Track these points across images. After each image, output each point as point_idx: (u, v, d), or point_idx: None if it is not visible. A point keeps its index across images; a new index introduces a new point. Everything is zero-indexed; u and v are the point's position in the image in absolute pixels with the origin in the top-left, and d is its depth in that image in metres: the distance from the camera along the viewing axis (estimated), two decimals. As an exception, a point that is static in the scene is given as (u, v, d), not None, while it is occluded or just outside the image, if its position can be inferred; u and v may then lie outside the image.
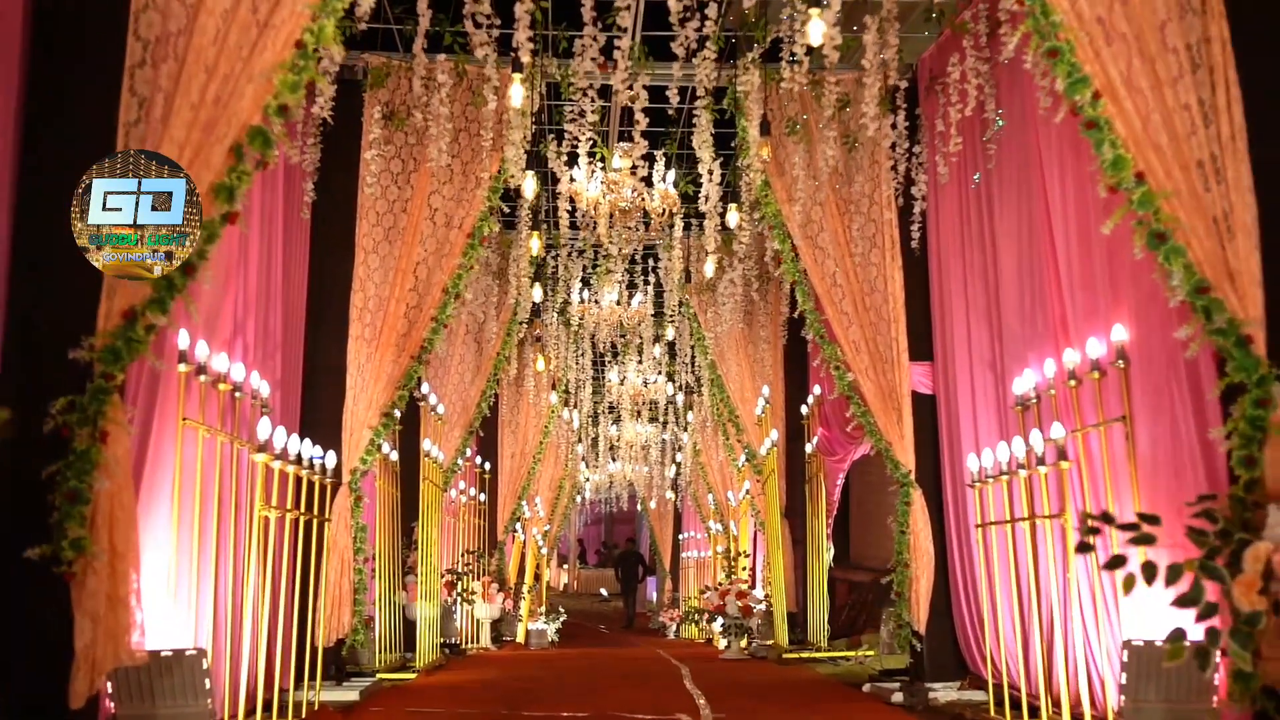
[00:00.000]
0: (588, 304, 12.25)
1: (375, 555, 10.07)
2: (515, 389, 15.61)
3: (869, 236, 8.67)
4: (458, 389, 12.30)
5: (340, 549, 8.23)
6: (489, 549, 15.10)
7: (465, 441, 12.26)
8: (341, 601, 8.20)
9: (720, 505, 18.25)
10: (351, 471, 8.37)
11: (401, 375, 8.54)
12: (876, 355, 8.53)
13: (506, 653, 14.08)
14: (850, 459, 10.82)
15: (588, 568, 36.59)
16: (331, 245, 8.67)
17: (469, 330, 12.36)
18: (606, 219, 8.77)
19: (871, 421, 8.44)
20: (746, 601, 11.85)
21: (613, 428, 19.15)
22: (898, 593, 8.29)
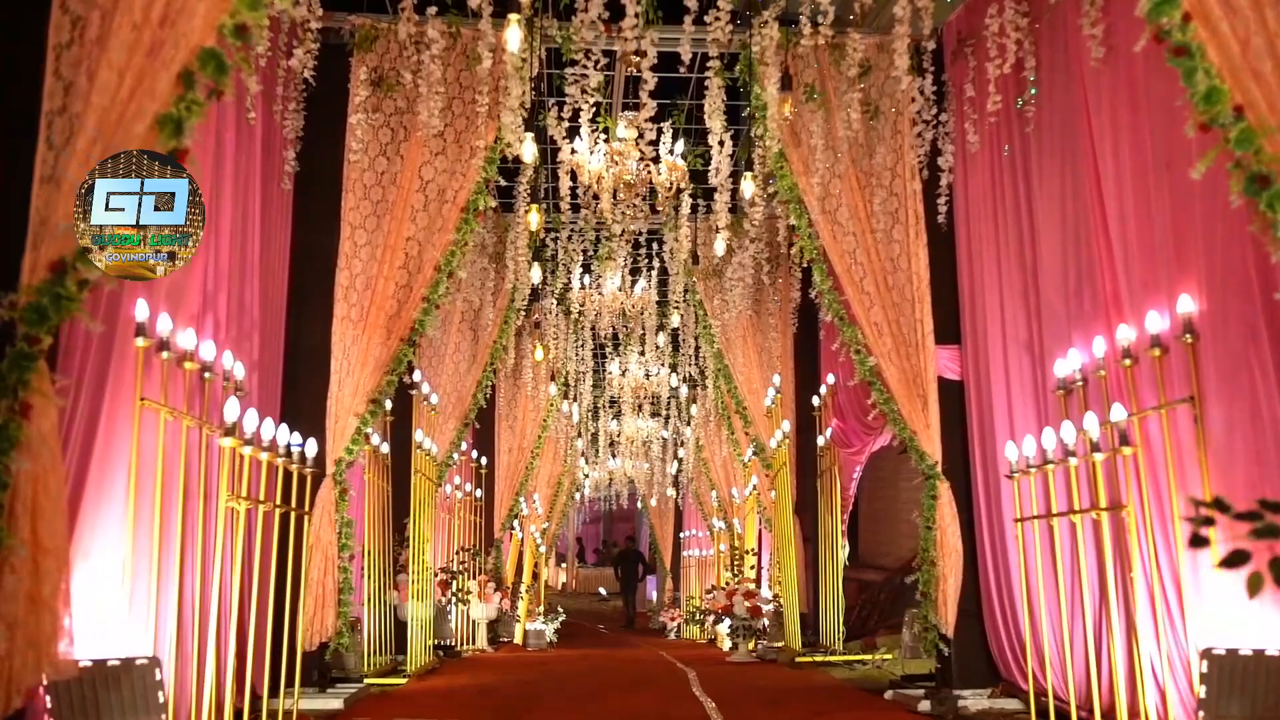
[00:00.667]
0: (589, 290, 11.58)
1: (365, 553, 9.46)
2: (513, 381, 14.95)
3: (891, 211, 8.02)
4: (452, 379, 11.64)
5: (323, 545, 7.57)
6: (485, 547, 14.44)
7: (460, 434, 11.60)
8: (325, 602, 7.54)
9: (724, 502, 17.61)
10: (336, 462, 7.71)
11: (390, 359, 7.89)
12: (900, 338, 7.88)
13: (503, 654, 13.43)
14: (868, 451, 10.17)
15: (586, 566, 35.91)
16: (315, 219, 8.04)
17: (464, 317, 11.71)
18: (610, 194, 8.10)
19: (894, 409, 7.80)
20: (755, 602, 11.20)
21: (613, 423, 18.47)
22: (923, 593, 7.64)
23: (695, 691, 8.14)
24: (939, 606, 7.51)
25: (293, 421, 6.70)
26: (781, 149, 8.04)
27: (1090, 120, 6.05)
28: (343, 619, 7.64)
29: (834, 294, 8.07)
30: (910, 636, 8.35)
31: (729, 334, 11.80)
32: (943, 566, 7.52)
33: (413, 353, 8.01)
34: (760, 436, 11.79)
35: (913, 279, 7.91)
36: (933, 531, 7.61)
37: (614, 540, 34.45)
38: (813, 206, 8.04)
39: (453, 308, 11.65)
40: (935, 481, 7.65)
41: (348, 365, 7.82)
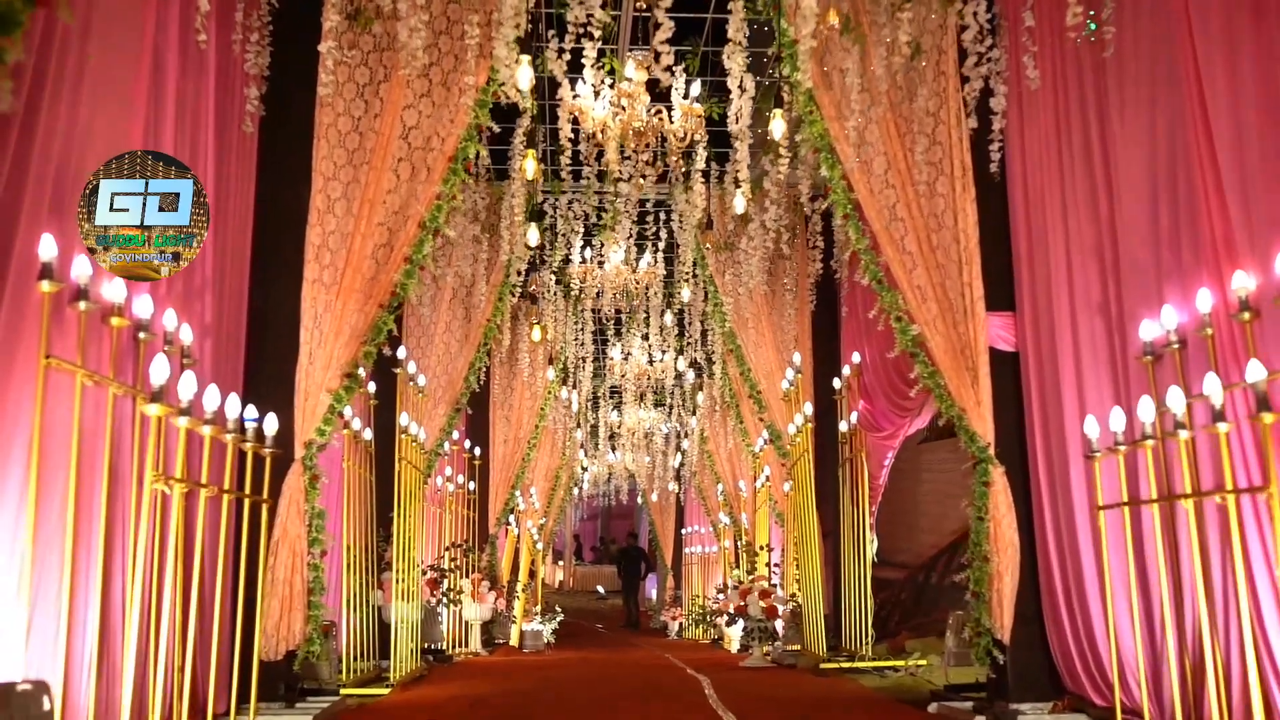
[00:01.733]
0: (589, 264, 10.54)
1: (346, 549, 8.45)
2: (508, 368, 13.93)
3: (934, 162, 7.02)
4: (442, 360, 10.63)
5: (291, 540, 6.54)
6: (479, 543, 13.41)
7: (451, 420, 10.57)
8: (292, 604, 6.51)
9: (730, 496, 16.59)
10: (306, 445, 6.68)
11: (367, 327, 6.86)
12: (946, 304, 6.87)
13: (498, 658, 12.40)
14: (903, 434, 9.14)
15: (583, 564, 34.86)
16: (283, 169, 7.05)
17: (455, 294, 10.69)
18: (617, 143, 7.08)
19: (941, 384, 6.79)
20: (771, 602, 10.18)
21: (614, 413, 17.41)
22: (974, 592, 6.63)
23: (713, 703, 7.14)
24: (993, 608, 6.50)
25: (256, 397, 5.70)
26: (811, 91, 7.02)
27: (1193, 35, 5.03)
28: (313, 624, 6.61)
29: (871, 254, 7.05)
30: (956, 641, 7.33)
31: (742, 312, 10.77)
32: (997, 563, 6.50)
33: (393, 321, 6.97)
34: (776, 423, 10.76)
35: (959, 238, 6.91)
36: (985, 523, 6.60)
37: (613, 537, 33.41)
38: (846, 156, 7.02)
39: (443, 284, 10.65)
40: (987, 466, 6.64)
41: (319, 334, 6.80)
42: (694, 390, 16.14)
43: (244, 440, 5.10)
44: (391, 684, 8.14)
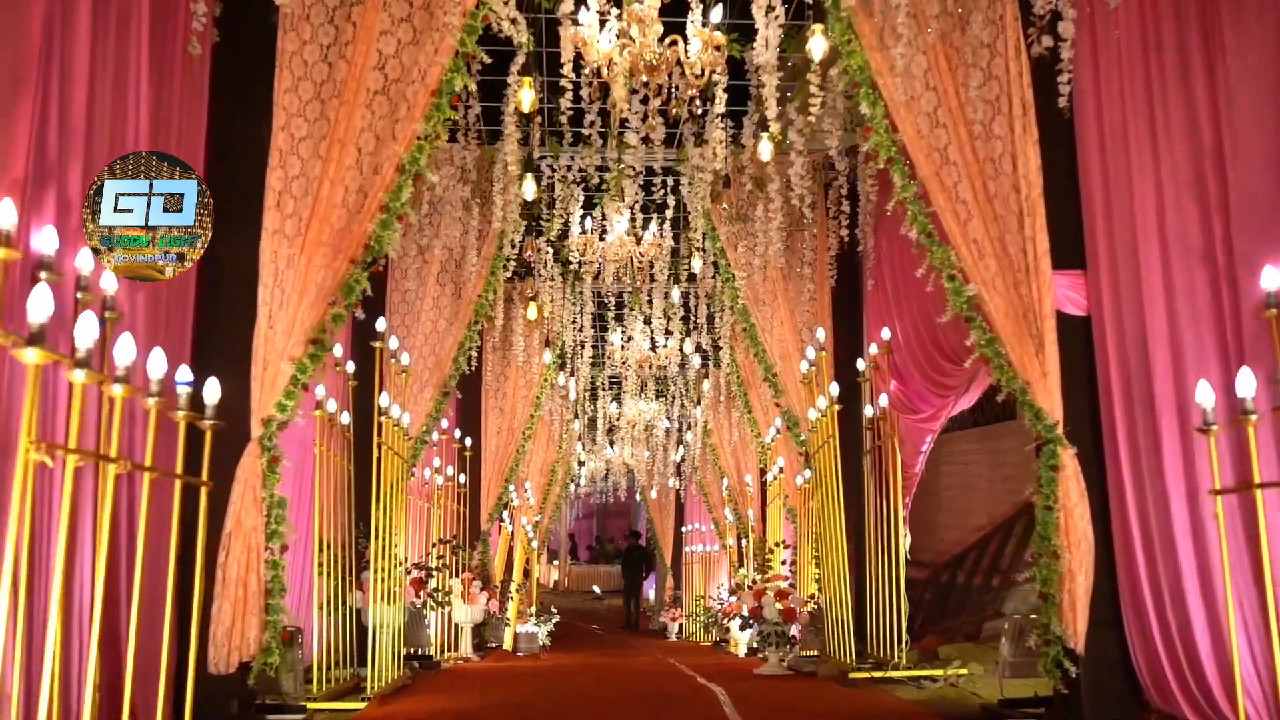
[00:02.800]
0: (590, 235, 9.51)
1: (322, 545, 7.46)
2: (501, 355, 12.91)
3: (990, 99, 6.03)
4: (429, 339, 9.61)
5: (245, 533, 5.52)
6: (470, 540, 12.38)
7: (439, 405, 9.55)
8: (246, 608, 5.48)
9: (734, 491, 15.58)
10: (264, 422, 5.66)
11: (336, 286, 5.86)
12: (1005, 261, 5.88)
13: (490, 664, 11.37)
14: (945, 415, 8.11)
15: (579, 564, 33.80)
16: (239, 102, 6.06)
17: (443, 267, 9.66)
18: (624, 79, 6.06)
19: (1000, 353, 5.80)
20: (789, 603, 9.17)
21: (613, 405, 16.38)
22: (1042, 594, 5.63)
23: None
24: (1064, 612, 5.51)
25: (205, 366, 4.68)
26: (850, 18, 6.02)
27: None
28: (271, 630, 5.59)
29: (919, 204, 6.05)
30: (1013, 650, 6.32)
31: (756, 289, 9.74)
32: (1069, 560, 5.51)
33: (367, 279, 5.94)
34: (793, 408, 9.74)
35: (1020, 186, 5.91)
36: (1054, 513, 5.60)
37: (610, 536, 32.36)
38: (889, 90, 6.03)
39: (430, 256, 9.63)
40: (1056, 447, 5.64)
41: (280, 294, 5.80)
42: (699, 379, 15.12)
43: (165, 404, 4.07)
44: (368, 696, 7.13)
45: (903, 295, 8.23)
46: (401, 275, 9.61)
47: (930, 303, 7.55)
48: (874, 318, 9.13)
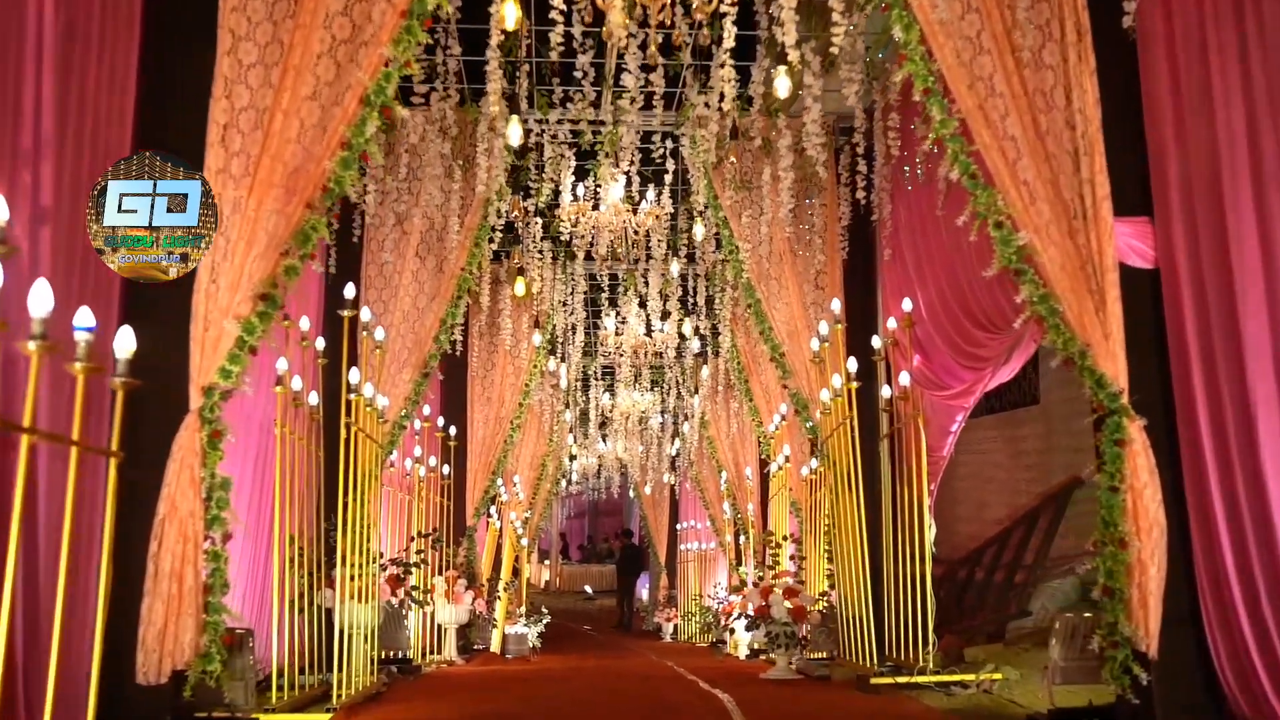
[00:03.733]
0: (582, 202, 8.66)
1: (290, 538, 6.64)
2: (489, 339, 12.06)
3: (1040, 24, 5.23)
4: (409, 316, 8.76)
5: (181, 519, 4.68)
6: (455, 536, 11.53)
7: (418, 388, 8.70)
8: (181, 607, 4.63)
9: (733, 485, 14.76)
10: (205, 390, 4.82)
11: (290, 234, 5.02)
12: (1060, 206, 5.08)
13: (476, 667, 10.52)
14: (980, 390, 7.25)
15: (570, 563, 32.90)
16: (177, 23, 5.18)
17: (423, 238, 8.81)
18: (622, 7, 5.24)
19: (1055, 310, 4.99)
20: (799, 602, 8.34)
21: (605, 396, 15.52)
22: (1106, 588, 4.81)
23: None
24: (1133, 609, 4.70)
25: (139, 323, 3.83)
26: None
27: None
28: (211, 633, 4.74)
29: (960, 141, 5.22)
30: (1064, 652, 5.48)
31: (761, 262, 8.90)
32: (1139, 548, 4.71)
33: (325, 227, 5.10)
34: (802, 391, 8.89)
35: (1075, 121, 5.13)
36: (1120, 495, 4.80)
37: (604, 536, 31.44)
38: (925, 12, 5.21)
39: (409, 225, 8.78)
40: (1121, 420, 4.84)
41: (224, 243, 4.96)
42: (696, 368, 14.28)
43: (74, 363, 3.21)
44: (334, 707, 6.27)
45: (925, 262, 7.41)
46: (378, 247, 8.76)
47: (961, 266, 6.75)
48: (891, 290, 8.31)
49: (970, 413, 9.69)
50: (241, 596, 7.16)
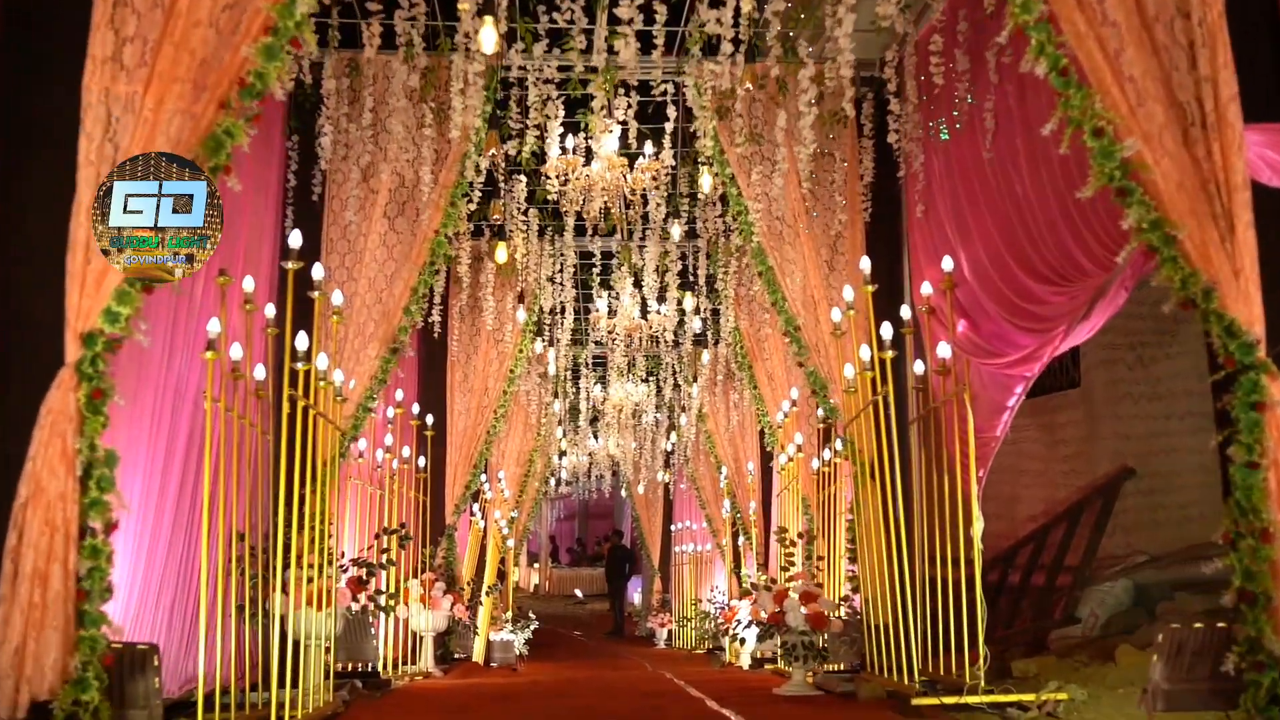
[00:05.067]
0: (573, 158, 7.50)
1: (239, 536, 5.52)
2: (470, 322, 10.90)
3: (1143, -114, 4.10)
4: (374, 284, 7.63)
5: (49, 502, 3.53)
6: (432, 535, 10.37)
7: (386, 364, 7.54)
8: (44, 618, 3.47)
9: (733, 482, 13.61)
10: (85, 338, 3.68)
11: (199, 140, 3.88)
12: (1174, 110, 3.97)
13: (453, 680, 9.37)
14: (1047, 356, 6.03)
15: (560, 567, 31.67)
16: None
17: (393, 197, 7.67)
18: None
19: (1171, 239, 3.86)
20: (818, 608, 7.20)
21: (597, 388, 14.34)
22: (1243, 592, 3.69)
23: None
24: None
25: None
26: None
27: None
28: (85, 653, 3.57)
29: (1045, 30, 4.09)
30: (1167, 672, 4.35)
31: (774, 224, 7.76)
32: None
33: (243, 132, 3.95)
34: (820, 369, 7.75)
35: (1190, 6, 3.99)
36: (1260, 473, 3.72)
37: (599, 537, 30.19)
38: None
39: (375, 181, 7.64)
40: (1259, 378, 3.75)
41: (113, 150, 3.82)
42: (695, 356, 13.12)
43: None
44: (273, 735, 5.11)
45: (969, 213, 6.30)
46: (340, 206, 7.61)
47: (1016, 213, 5.64)
48: (924, 251, 7.19)
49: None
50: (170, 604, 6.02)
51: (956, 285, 6.32)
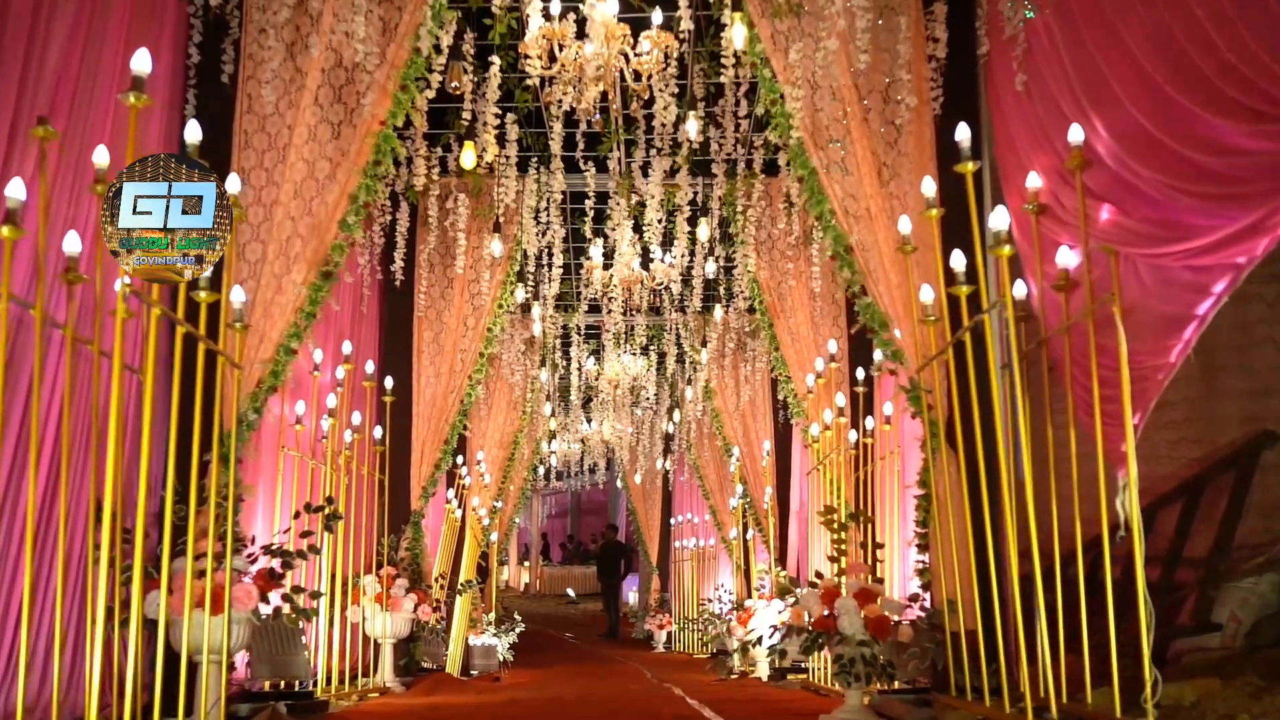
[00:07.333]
0: (561, 27, 5.60)
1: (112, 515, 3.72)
2: (440, 270, 9.02)
3: None
4: (301, 192, 5.74)
5: None
6: (393, 523, 8.48)
7: (317, 294, 5.68)
8: None
9: (744, 467, 11.75)
10: None
11: None
12: None
13: (415, 698, 7.49)
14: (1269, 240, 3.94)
15: (552, 565, 29.75)
16: None
17: (326, 79, 5.79)
18: None
19: None
20: (879, 610, 5.32)
21: (590, 361, 12.43)
22: None
23: None
24: None
25: None
26: None
27: None
28: None
29: None
30: None
31: (818, 115, 5.88)
32: None
33: None
34: (880, 300, 5.84)
35: None
36: None
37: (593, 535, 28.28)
38: None
39: (305, 60, 5.75)
40: None
41: None
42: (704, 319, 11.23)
43: None
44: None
45: (1103, 61, 4.40)
46: (257, 89, 5.71)
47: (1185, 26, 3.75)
48: (1021, 140, 5.32)
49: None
50: None
51: (1088, 164, 4.41)
